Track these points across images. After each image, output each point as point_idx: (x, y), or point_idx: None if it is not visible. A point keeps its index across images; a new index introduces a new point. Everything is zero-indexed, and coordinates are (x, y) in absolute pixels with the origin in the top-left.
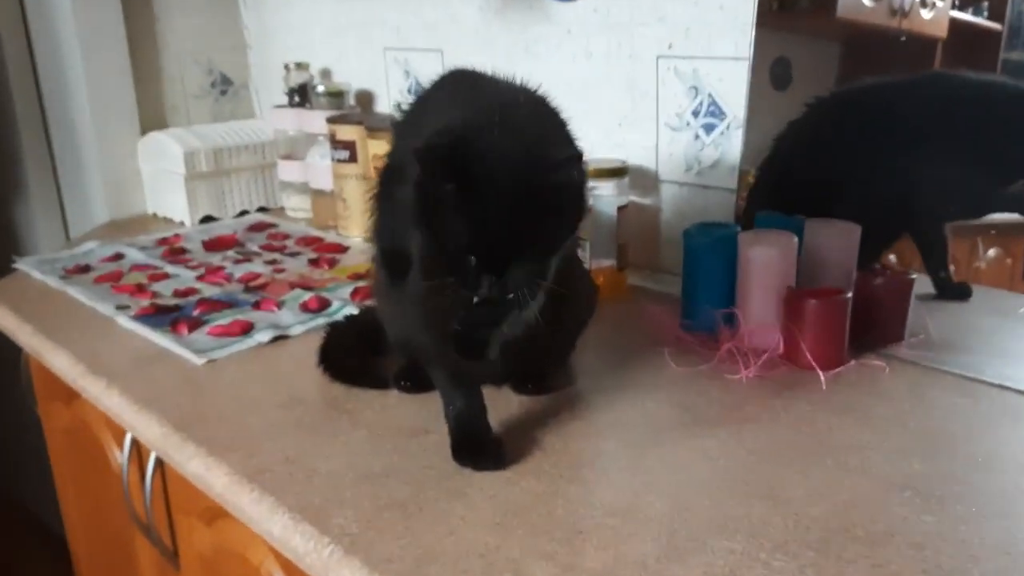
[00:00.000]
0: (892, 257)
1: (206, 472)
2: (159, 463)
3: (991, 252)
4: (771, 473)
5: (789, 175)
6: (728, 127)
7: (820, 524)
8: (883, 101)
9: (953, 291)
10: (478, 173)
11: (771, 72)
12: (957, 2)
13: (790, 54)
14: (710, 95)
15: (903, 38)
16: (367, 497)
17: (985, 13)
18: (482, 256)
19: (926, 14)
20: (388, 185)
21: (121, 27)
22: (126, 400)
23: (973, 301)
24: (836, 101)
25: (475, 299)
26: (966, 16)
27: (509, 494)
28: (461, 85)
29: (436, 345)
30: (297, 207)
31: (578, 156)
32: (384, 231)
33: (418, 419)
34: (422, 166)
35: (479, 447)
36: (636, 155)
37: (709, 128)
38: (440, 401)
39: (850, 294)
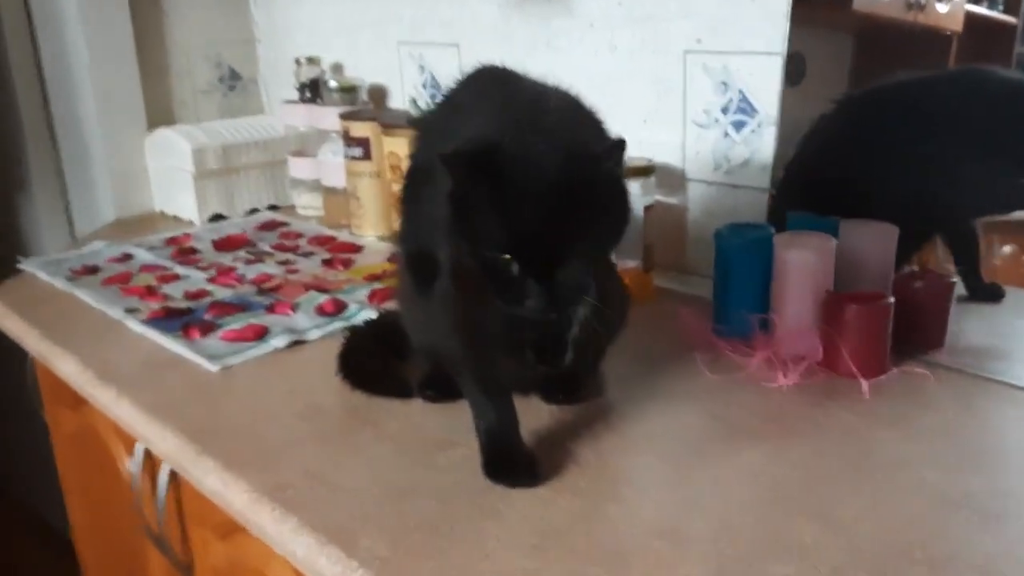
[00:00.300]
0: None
1: (224, 488)
2: (172, 473)
3: (1006, 248)
4: (819, 490)
5: (818, 173)
6: (760, 124)
7: (876, 546)
8: (917, 97)
9: (985, 292)
10: (513, 173)
11: (784, 68)
12: None
13: (803, 49)
14: (740, 91)
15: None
16: (395, 516)
17: (1001, 7)
18: (524, 261)
19: (942, 7)
20: (413, 187)
21: (128, 21)
22: (137, 410)
23: (1006, 302)
24: (868, 98)
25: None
26: (981, 9)
27: (545, 513)
28: (490, 83)
29: (466, 353)
30: (308, 205)
31: (621, 144)
32: (410, 234)
33: (445, 430)
34: (452, 173)
35: (512, 462)
36: (661, 153)
37: (739, 125)
38: (468, 411)
39: (893, 299)
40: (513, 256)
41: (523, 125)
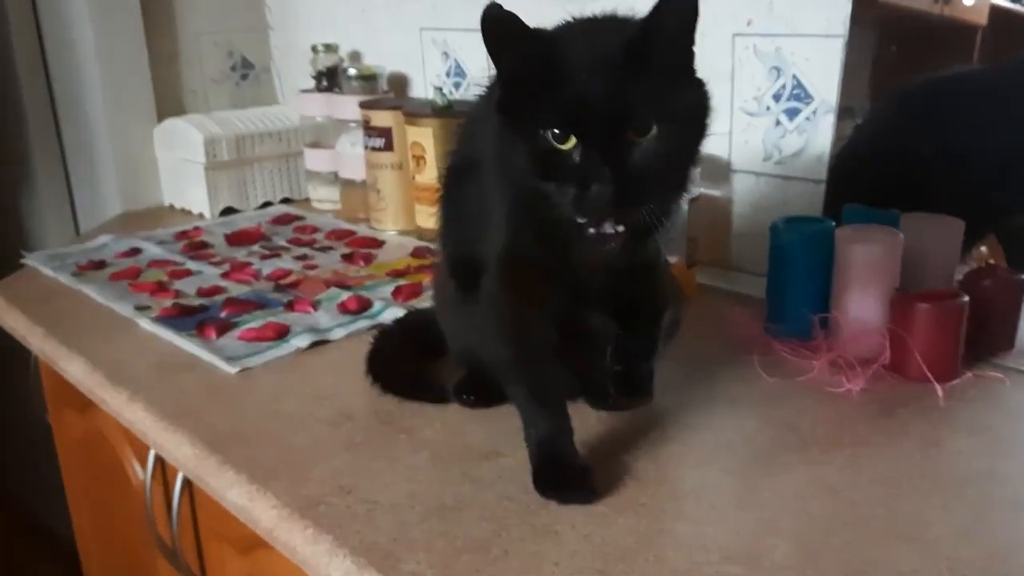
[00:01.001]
0: None
1: (250, 503)
2: (187, 482)
3: None
4: (906, 508)
5: (871, 165)
6: (815, 112)
7: (978, 572)
8: (975, 89)
9: None
10: (569, 42)
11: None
12: None
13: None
14: (794, 76)
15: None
16: (440, 536)
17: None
18: (585, 132)
19: (967, 1)
20: (456, 186)
21: (137, 6)
22: (152, 415)
23: None
24: (926, 88)
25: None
26: (1006, 3)
27: (607, 534)
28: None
29: (515, 359)
30: (324, 198)
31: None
32: (452, 236)
33: (487, 438)
34: (488, 29)
35: (565, 476)
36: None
37: (792, 113)
38: (509, 417)
39: (967, 297)
40: (572, 129)
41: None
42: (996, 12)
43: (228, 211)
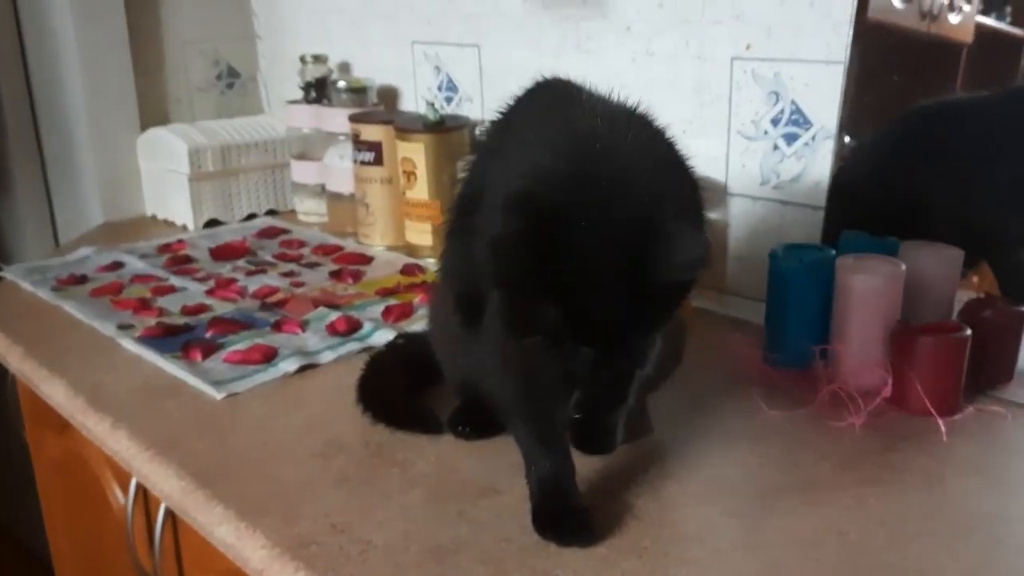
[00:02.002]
0: None
1: (238, 541)
2: (170, 512)
3: None
4: (915, 552)
5: (867, 191)
6: (814, 137)
7: None
8: (973, 117)
9: None
10: (573, 254)
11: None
12: (982, 7)
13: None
14: (793, 102)
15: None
16: None
17: (1008, 19)
18: (584, 343)
19: (954, 18)
20: (463, 217)
21: (122, 12)
22: (136, 444)
23: None
24: (921, 116)
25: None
26: (990, 21)
27: None
28: (552, 104)
29: (518, 396)
30: (311, 211)
31: (704, 239)
32: (458, 270)
33: (484, 474)
34: (498, 260)
35: (565, 517)
36: (702, 165)
37: (791, 138)
38: (507, 452)
39: (969, 331)
40: (572, 342)
41: (588, 172)
42: (982, 30)
43: (212, 223)
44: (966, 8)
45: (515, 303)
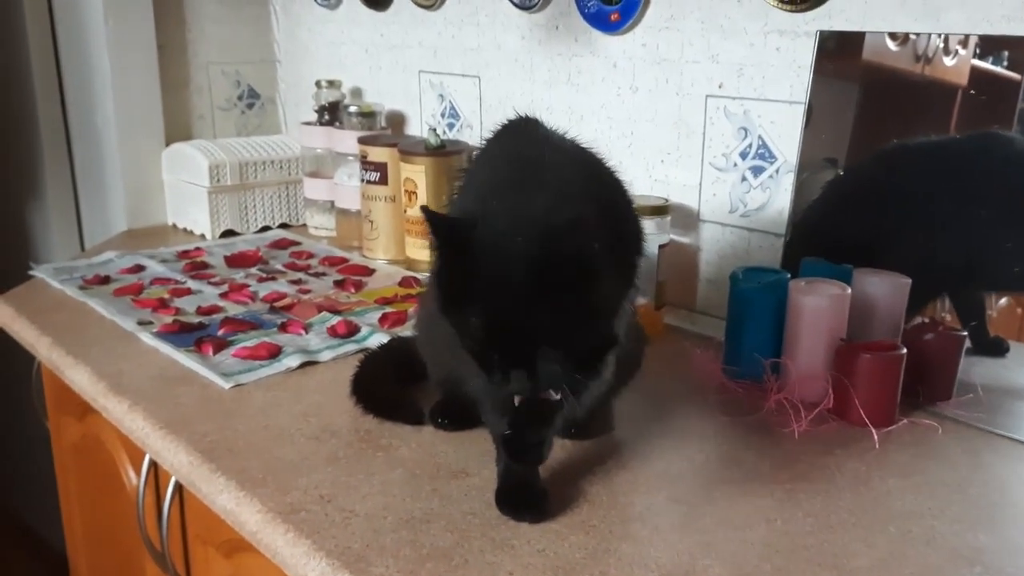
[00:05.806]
0: None
1: (237, 508)
2: (178, 488)
3: (1002, 301)
4: (833, 539)
5: (832, 222)
6: (778, 171)
7: None
8: (937, 159)
9: (988, 346)
10: (485, 255)
11: (805, 116)
12: (978, 50)
13: (810, 95)
14: (760, 137)
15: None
16: (408, 544)
17: (1005, 63)
18: (502, 350)
19: (948, 61)
20: None
21: (152, 33)
22: (151, 424)
23: (1011, 357)
24: (891, 155)
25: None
26: (986, 65)
27: (559, 549)
28: (513, 140)
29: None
30: (320, 225)
31: (578, 221)
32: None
33: (457, 459)
34: (436, 249)
35: (523, 497)
36: (677, 193)
37: (757, 171)
38: (480, 441)
39: (905, 350)
40: (490, 348)
41: (510, 202)
42: (976, 73)
43: (228, 233)
44: (961, 52)
45: (454, 319)
